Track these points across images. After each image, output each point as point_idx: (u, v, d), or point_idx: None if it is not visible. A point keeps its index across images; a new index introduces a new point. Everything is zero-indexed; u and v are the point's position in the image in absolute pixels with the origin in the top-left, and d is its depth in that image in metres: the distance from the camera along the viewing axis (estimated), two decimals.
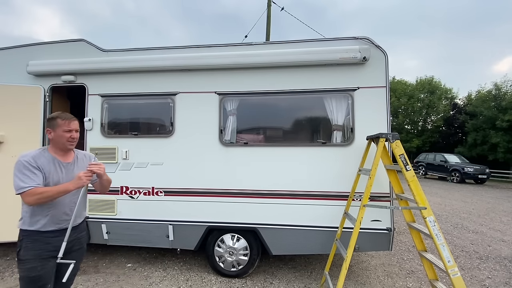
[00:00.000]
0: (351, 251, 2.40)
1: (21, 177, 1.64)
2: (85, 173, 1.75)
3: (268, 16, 10.64)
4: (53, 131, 1.77)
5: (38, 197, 1.63)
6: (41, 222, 1.73)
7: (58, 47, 3.67)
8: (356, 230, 2.41)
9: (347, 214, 2.87)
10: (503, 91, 19.71)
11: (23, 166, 1.66)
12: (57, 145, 1.81)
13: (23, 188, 1.63)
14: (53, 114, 1.82)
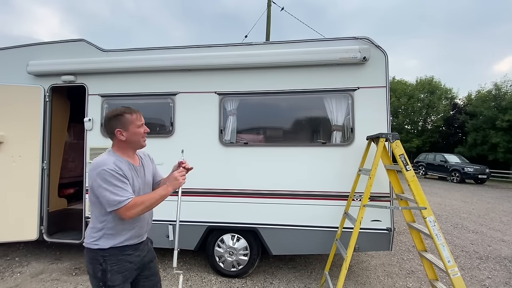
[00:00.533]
0: (351, 251, 2.40)
1: (113, 190, 1.37)
2: (180, 172, 1.60)
3: (268, 16, 10.64)
4: (125, 131, 1.50)
5: (141, 208, 1.41)
6: (126, 235, 1.50)
7: (58, 47, 3.67)
8: (356, 230, 2.41)
9: (347, 214, 2.87)
10: (503, 91, 19.73)
11: (110, 176, 1.39)
12: (131, 146, 1.55)
13: (121, 202, 1.37)
14: (117, 111, 1.52)
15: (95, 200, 1.45)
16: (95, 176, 1.39)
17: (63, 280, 3.25)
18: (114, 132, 1.49)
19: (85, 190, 3.48)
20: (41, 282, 3.18)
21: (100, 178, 1.38)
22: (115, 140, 1.53)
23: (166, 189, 1.52)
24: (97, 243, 1.45)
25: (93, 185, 1.40)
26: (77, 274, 3.41)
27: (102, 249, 1.44)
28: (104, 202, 1.39)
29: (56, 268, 3.54)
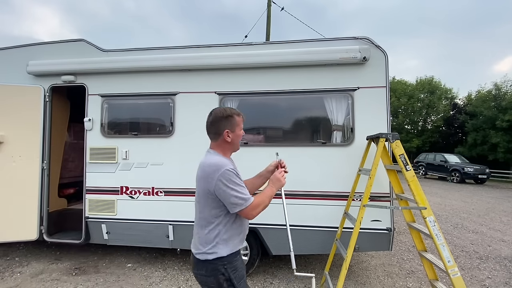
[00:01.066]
0: (351, 251, 2.40)
1: (238, 189, 1.34)
2: (281, 173, 1.58)
3: (268, 16, 10.63)
4: (232, 132, 1.48)
5: (261, 207, 1.39)
6: (237, 239, 1.46)
7: (58, 47, 3.67)
8: (356, 230, 2.41)
9: (347, 214, 2.87)
10: (503, 91, 19.72)
11: (234, 176, 1.36)
12: (232, 148, 1.56)
13: (247, 200, 1.35)
14: (227, 111, 1.48)
15: (210, 203, 1.38)
16: (219, 177, 1.32)
17: (63, 280, 3.25)
18: (222, 133, 1.46)
19: (85, 190, 3.48)
20: (41, 282, 3.18)
21: (225, 179, 1.33)
22: (219, 140, 1.49)
23: (272, 189, 1.49)
24: (214, 251, 1.37)
25: (216, 187, 1.33)
26: (77, 274, 3.41)
27: (221, 257, 1.37)
28: (230, 203, 1.34)
29: (56, 268, 3.54)
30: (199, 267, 1.40)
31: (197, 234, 1.44)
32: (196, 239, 1.44)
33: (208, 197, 1.37)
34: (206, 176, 1.37)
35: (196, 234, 1.45)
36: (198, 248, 1.41)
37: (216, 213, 1.39)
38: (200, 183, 1.41)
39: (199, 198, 1.43)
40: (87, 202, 3.48)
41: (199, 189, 1.41)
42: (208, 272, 1.37)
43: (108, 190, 3.44)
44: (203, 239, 1.40)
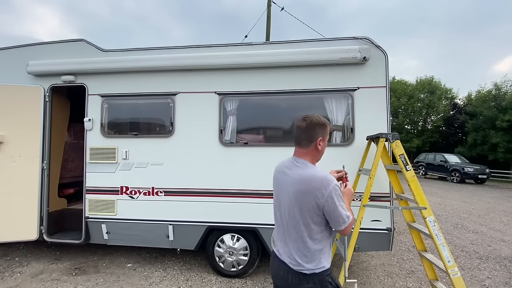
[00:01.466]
0: (351, 251, 2.40)
1: (343, 205, 1.31)
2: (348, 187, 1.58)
3: (268, 16, 10.63)
4: (323, 141, 1.41)
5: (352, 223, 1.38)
6: (331, 249, 1.44)
7: (58, 47, 3.67)
8: (356, 230, 2.41)
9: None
10: (503, 91, 19.71)
11: (340, 191, 1.33)
12: (319, 157, 1.47)
13: (350, 217, 1.32)
14: (322, 119, 1.42)
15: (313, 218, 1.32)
16: (329, 193, 1.26)
17: (63, 280, 3.25)
18: (315, 141, 1.39)
19: (85, 190, 3.48)
20: (41, 282, 3.18)
21: (335, 195, 1.27)
22: (309, 148, 1.40)
23: (348, 203, 1.45)
24: (322, 265, 1.34)
25: (326, 203, 1.27)
26: (77, 274, 3.41)
27: (327, 269, 1.36)
28: (339, 221, 1.30)
29: (56, 268, 3.54)
30: (305, 281, 1.34)
31: (295, 249, 1.36)
32: (295, 255, 1.36)
33: (313, 212, 1.30)
34: (312, 190, 1.29)
35: (295, 249, 1.36)
36: (300, 264, 1.34)
37: (318, 228, 1.34)
38: (301, 196, 1.31)
39: (293, 212, 1.34)
40: (87, 202, 3.48)
41: (299, 202, 1.32)
42: (317, 284, 1.34)
43: (108, 190, 3.44)
44: (307, 255, 1.34)
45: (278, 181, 1.47)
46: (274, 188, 1.52)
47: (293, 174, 1.38)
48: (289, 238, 1.38)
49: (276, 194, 1.49)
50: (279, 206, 1.45)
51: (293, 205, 1.34)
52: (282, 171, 1.47)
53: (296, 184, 1.34)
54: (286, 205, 1.38)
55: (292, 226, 1.36)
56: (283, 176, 1.44)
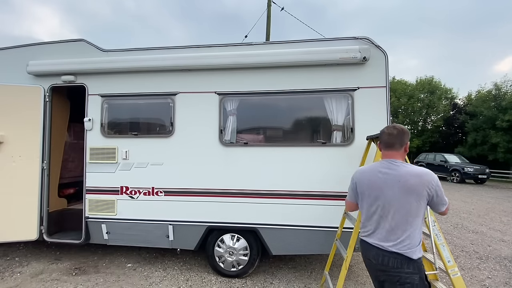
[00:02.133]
0: (351, 251, 2.40)
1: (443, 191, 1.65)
2: None
3: (268, 16, 10.63)
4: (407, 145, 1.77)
5: None
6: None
7: (58, 47, 3.67)
8: (356, 230, 2.40)
9: (347, 214, 2.87)
10: (503, 91, 19.71)
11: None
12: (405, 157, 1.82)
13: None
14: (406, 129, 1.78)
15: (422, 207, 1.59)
16: (437, 182, 1.59)
17: (63, 280, 3.25)
18: (405, 145, 1.71)
19: (85, 190, 3.48)
20: (41, 282, 3.19)
21: (439, 183, 1.60)
22: (401, 151, 1.72)
23: None
24: (421, 253, 1.60)
25: (435, 191, 1.58)
26: (77, 274, 3.41)
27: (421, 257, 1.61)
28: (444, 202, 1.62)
29: (56, 268, 3.55)
30: (408, 265, 1.56)
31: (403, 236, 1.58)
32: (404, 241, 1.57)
33: (422, 201, 1.58)
34: (425, 182, 1.57)
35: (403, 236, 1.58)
36: (407, 250, 1.56)
37: (421, 216, 1.61)
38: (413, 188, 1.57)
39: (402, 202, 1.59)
40: (87, 202, 3.48)
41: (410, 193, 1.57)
42: (416, 269, 1.56)
43: (108, 190, 3.44)
44: (412, 241, 1.57)
45: (376, 180, 1.70)
46: (366, 188, 1.75)
47: (399, 171, 1.63)
48: (397, 226, 1.60)
49: (371, 191, 1.72)
50: (376, 201, 1.68)
51: (402, 196, 1.59)
52: (379, 172, 1.70)
53: (407, 179, 1.59)
54: (392, 198, 1.61)
55: (401, 215, 1.59)
56: (383, 175, 1.68)
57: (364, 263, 1.79)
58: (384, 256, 1.61)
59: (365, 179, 1.77)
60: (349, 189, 1.92)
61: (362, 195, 1.79)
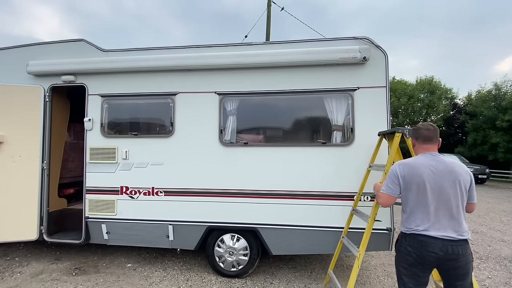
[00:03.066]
0: (364, 249, 2.35)
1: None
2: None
3: (268, 16, 10.64)
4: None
5: None
6: None
7: (58, 47, 3.67)
8: (370, 226, 2.36)
9: (355, 211, 2.84)
10: (503, 91, 19.69)
11: None
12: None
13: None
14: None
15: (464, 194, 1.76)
16: (472, 175, 1.81)
17: (63, 280, 3.25)
18: (440, 139, 1.91)
19: (85, 190, 3.48)
20: (41, 282, 3.18)
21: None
22: (437, 144, 1.90)
23: None
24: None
25: (472, 181, 1.79)
26: (77, 274, 3.41)
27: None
28: (475, 193, 1.82)
29: (56, 268, 3.55)
30: (467, 248, 1.74)
31: (462, 222, 1.75)
32: (462, 226, 1.74)
33: (466, 190, 1.77)
34: (467, 172, 1.78)
35: (461, 222, 1.75)
36: (464, 234, 1.73)
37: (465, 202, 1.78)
38: (463, 178, 1.76)
39: (456, 191, 1.74)
40: (87, 202, 3.48)
41: (461, 182, 1.75)
42: (469, 251, 1.74)
43: (108, 190, 3.44)
44: (465, 226, 1.74)
45: (429, 173, 1.78)
46: (419, 181, 1.79)
47: (446, 163, 1.79)
48: (457, 214, 1.74)
49: (425, 184, 1.77)
50: (433, 192, 1.76)
51: (454, 185, 1.74)
52: (430, 165, 1.79)
53: (456, 169, 1.77)
54: (447, 187, 1.74)
55: (457, 203, 1.74)
56: (434, 167, 1.78)
57: (420, 257, 1.76)
58: (453, 245, 1.70)
59: (416, 172, 1.80)
60: (389, 183, 1.89)
61: (412, 188, 1.80)
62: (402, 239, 1.87)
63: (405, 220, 1.86)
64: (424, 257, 1.74)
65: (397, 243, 1.93)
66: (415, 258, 1.77)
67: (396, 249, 1.92)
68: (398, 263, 1.88)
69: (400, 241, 1.90)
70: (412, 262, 1.79)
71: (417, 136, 1.93)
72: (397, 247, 1.92)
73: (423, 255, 1.75)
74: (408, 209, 1.84)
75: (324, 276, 3.39)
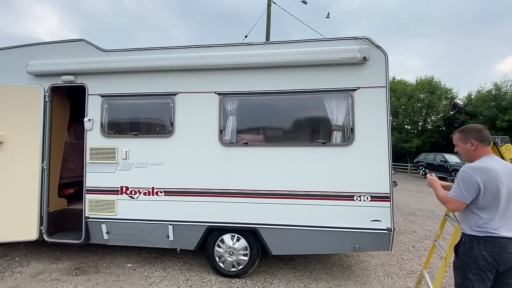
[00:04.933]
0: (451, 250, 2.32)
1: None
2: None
3: (268, 16, 10.64)
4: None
5: None
6: None
7: (58, 47, 3.67)
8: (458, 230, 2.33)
9: (448, 216, 2.87)
10: (503, 91, 19.69)
11: None
12: None
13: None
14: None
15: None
16: None
17: (63, 280, 3.25)
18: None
19: (85, 190, 3.48)
20: (41, 282, 3.18)
21: None
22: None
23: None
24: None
25: None
26: (77, 274, 3.41)
27: None
28: None
29: (56, 268, 3.54)
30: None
31: None
32: None
33: None
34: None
35: None
36: None
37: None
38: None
39: None
40: (87, 202, 3.48)
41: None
42: None
43: (108, 190, 3.44)
44: None
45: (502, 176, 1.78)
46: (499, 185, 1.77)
47: (509, 165, 1.85)
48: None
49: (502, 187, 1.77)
50: (509, 195, 1.77)
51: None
52: (501, 168, 1.81)
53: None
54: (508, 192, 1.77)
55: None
56: (501, 170, 1.79)
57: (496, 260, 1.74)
58: None
59: (494, 177, 1.78)
60: (465, 190, 1.81)
61: (492, 192, 1.77)
62: (473, 243, 1.81)
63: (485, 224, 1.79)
64: (502, 259, 1.72)
65: (462, 248, 1.87)
66: (490, 262, 1.74)
67: (463, 254, 1.85)
68: (467, 269, 1.81)
69: (469, 245, 1.83)
70: (486, 266, 1.75)
71: (482, 139, 1.89)
72: (463, 252, 1.85)
73: (502, 257, 1.72)
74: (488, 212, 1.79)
75: (324, 276, 3.39)
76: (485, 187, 1.77)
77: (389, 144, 2.99)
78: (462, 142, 1.99)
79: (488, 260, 1.74)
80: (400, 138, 23.35)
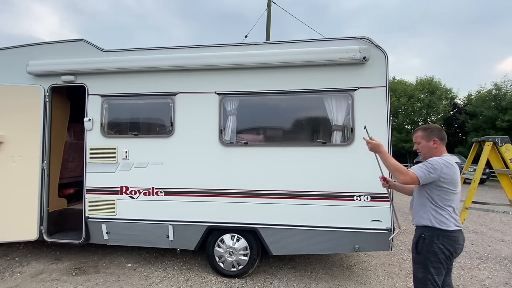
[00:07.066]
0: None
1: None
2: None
3: (268, 16, 10.63)
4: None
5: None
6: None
7: (58, 47, 3.67)
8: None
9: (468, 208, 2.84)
10: (503, 91, 19.70)
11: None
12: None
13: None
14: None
15: None
16: None
17: (63, 280, 3.25)
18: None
19: (85, 190, 3.48)
20: (41, 282, 3.18)
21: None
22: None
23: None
24: None
25: None
26: (77, 274, 3.41)
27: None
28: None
29: (56, 268, 3.55)
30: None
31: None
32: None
33: None
34: None
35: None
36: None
37: None
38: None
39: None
40: (87, 202, 3.48)
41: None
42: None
43: (108, 190, 3.44)
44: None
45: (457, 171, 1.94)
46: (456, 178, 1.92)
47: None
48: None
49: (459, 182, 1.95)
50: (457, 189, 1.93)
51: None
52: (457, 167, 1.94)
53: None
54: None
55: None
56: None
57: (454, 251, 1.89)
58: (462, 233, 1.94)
59: (457, 172, 1.93)
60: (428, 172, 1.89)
61: (456, 187, 1.91)
62: (433, 238, 1.90)
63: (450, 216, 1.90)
64: (456, 251, 1.89)
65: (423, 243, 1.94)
66: (448, 256, 1.88)
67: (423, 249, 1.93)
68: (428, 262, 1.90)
69: (430, 240, 1.91)
70: (444, 258, 1.88)
71: (442, 137, 2.05)
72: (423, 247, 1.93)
73: (455, 249, 1.88)
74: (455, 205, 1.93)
75: (324, 276, 3.40)
76: (454, 179, 1.90)
77: (389, 144, 2.99)
78: (425, 139, 2.07)
79: (447, 254, 1.88)
80: (400, 138, 23.36)
